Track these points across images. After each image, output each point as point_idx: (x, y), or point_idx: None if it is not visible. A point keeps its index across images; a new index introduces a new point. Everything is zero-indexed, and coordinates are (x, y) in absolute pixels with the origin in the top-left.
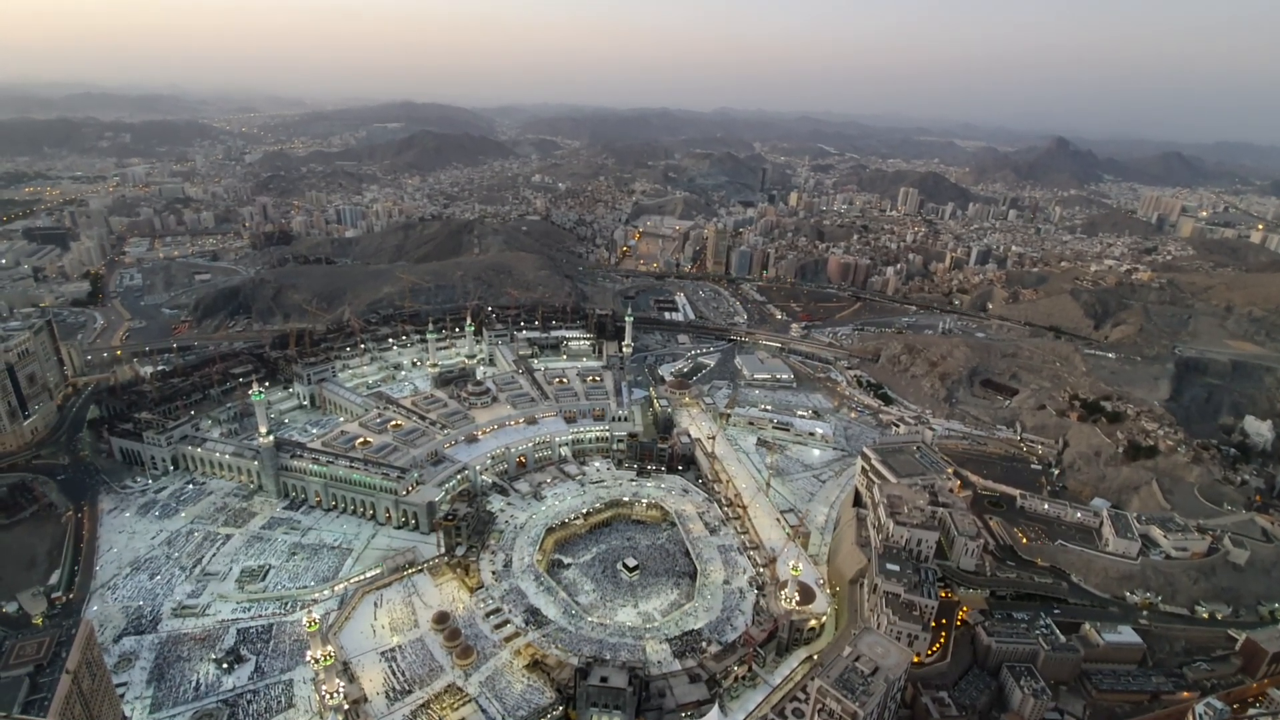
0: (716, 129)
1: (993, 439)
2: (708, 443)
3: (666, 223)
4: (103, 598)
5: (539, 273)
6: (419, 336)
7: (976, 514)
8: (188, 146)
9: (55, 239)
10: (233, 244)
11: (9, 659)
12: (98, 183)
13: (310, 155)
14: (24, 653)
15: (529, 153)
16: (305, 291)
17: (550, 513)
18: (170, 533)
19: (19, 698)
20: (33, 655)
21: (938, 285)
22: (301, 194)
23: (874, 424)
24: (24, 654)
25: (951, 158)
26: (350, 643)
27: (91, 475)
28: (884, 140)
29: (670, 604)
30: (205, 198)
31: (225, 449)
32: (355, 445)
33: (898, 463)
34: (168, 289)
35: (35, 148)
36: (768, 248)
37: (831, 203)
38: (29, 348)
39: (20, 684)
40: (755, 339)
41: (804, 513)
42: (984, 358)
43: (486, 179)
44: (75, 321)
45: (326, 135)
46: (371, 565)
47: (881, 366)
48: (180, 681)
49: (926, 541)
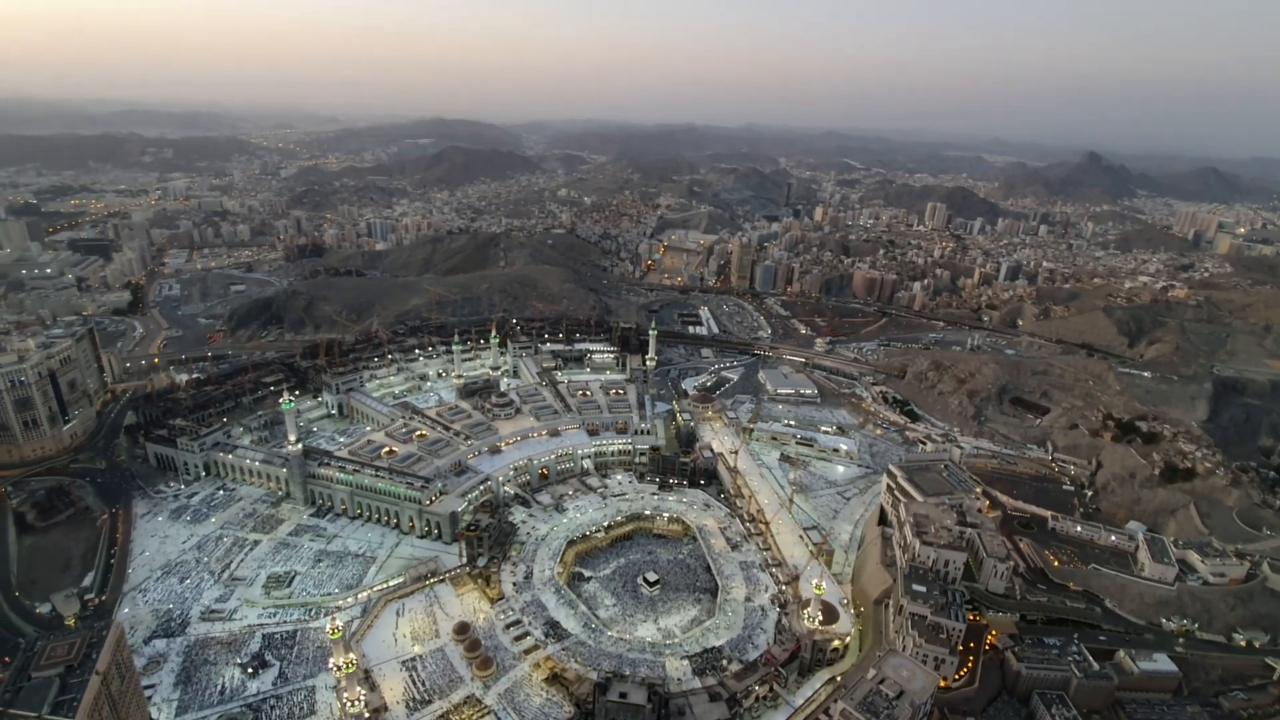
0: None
1: (1023, 458)
2: (730, 457)
3: (691, 237)
4: (134, 600)
5: (564, 286)
6: (445, 348)
7: (1006, 535)
8: (226, 162)
9: (99, 250)
10: (267, 256)
11: (40, 660)
12: (140, 196)
13: (343, 170)
14: (55, 654)
15: (555, 167)
16: (336, 303)
17: (572, 525)
18: (200, 537)
19: (49, 698)
20: (64, 656)
21: (966, 301)
22: (334, 208)
23: (900, 441)
24: (55, 655)
25: (980, 173)
26: (372, 651)
27: (127, 480)
28: (910, 155)
29: (691, 620)
30: (242, 211)
31: (255, 456)
32: (381, 454)
33: (924, 481)
34: (204, 299)
35: (81, 162)
36: (792, 262)
37: (857, 217)
38: (71, 355)
39: (51, 685)
40: (779, 354)
41: (828, 530)
42: (1014, 375)
43: (513, 193)
44: (115, 330)
45: (359, 151)
46: (394, 574)
47: (908, 383)
48: (206, 685)
49: (954, 562)
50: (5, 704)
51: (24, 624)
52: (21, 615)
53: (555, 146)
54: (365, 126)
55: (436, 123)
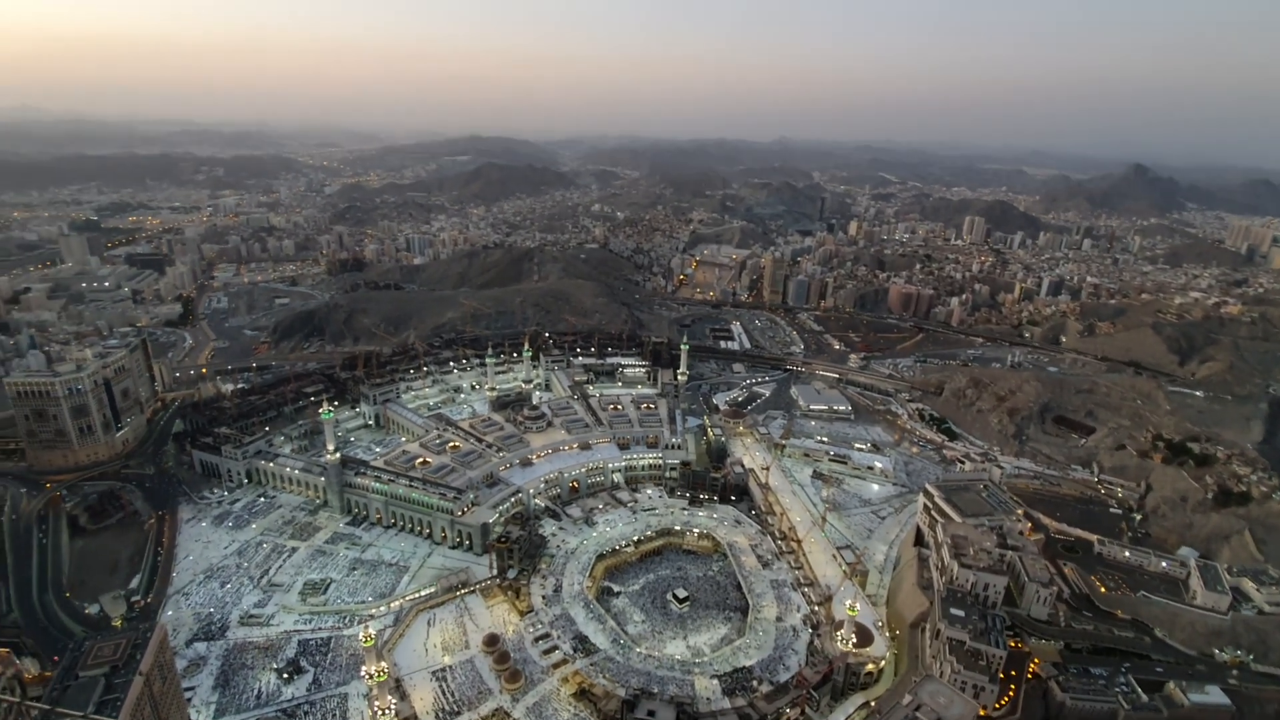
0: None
1: (1067, 479)
2: (762, 473)
3: (723, 251)
4: (177, 603)
5: (596, 300)
6: (479, 361)
7: (1049, 559)
8: (274, 179)
9: (153, 264)
10: (310, 270)
11: (88, 659)
12: (193, 213)
13: (384, 187)
14: (102, 654)
15: (589, 183)
16: (375, 316)
17: (601, 539)
18: (241, 543)
19: (94, 697)
20: (110, 656)
21: (1006, 317)
22: (375, 223)
23: (937, 459)
24: (102, 655)
25: (1020, 186)
26: (403, 660)
27: (174, 486)
28: (948, 168)
29: (721, 639)
30: (287, 227)
31: (295, 464)
32: (415, 465)
33: (963, 501)
34: (250, 312)
35: (139, 180)
36: (826, 277)
37: (892, 232)
38: (125, 364)
39: (96, 684)
40: (812, 369)
41: (862, 550)
42: (1057, 393)
43: (548, 208)
44: (167, 341)
45: (399, 168)
46: (427, 584)
47: (945, 400)
48: (243, 689)
49: (994, 586)
50: (53, 702)
51: (73, 624)
52: (71, 615)
53: (589, 162)
54: (406, 144)
55: (474, 140)
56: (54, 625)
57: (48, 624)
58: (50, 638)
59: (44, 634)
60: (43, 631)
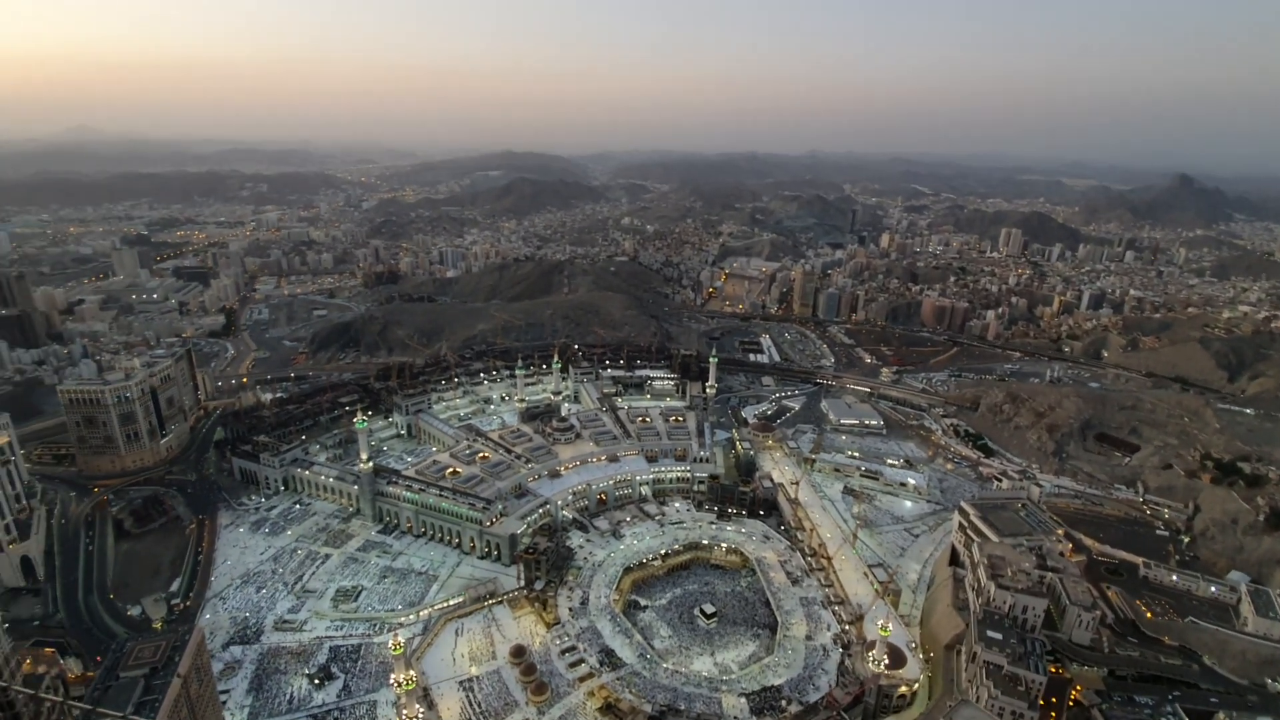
0: (805, 171)
1: (1110, 499)
2: (791, 488)
3: (753, 264)
4: (215, 607)
5: (625, 312)
6: (508, 372)
7: (1092, 582)
8: (314, 195)
9: (198, 277)
10: (347, 283)
11: (129, 660)
12: (237, 228)
13: (419, 202)
14: (142, 655)
15: (619, 196)
16: (408, 327)
17: (629, 552)
18: (277, 549)
19: (133, 698)
20: (149, 658)
21: (1044, 330)
22: (410, 237)
23: (973, 477)
24: (142, 656)
25: (1059, 197)
26: (431, 669)
27: (214, 492)
28: (983, 180)
29: (749, 656)
30: (326, 241)
31: (330, 473)
32: (445, 475)
33: (1000, 520)
34: (289, 323)
35: (187, 196)
36: (857, 290)
37: (926, 244)
38: (170, 374)
39: (136, 685)
40: (842, 383)
41: (894, 568)
42: (1098, 410)
43: (578, 222)
44: (210, 351)
45: (434, 183)
46: (455, 593)
47: (981, 416)
48: (276, 693)
49: (1034, 609)
50: (94, 702)
51: (116, 625)
52: (114, 617)
53: (619, 176)
54: (440, 160)
55: (506, 155)
56: (98, 626)
57: (92, 625)
58: (94, 638)
59: (88, 635)
60: (87, 632)
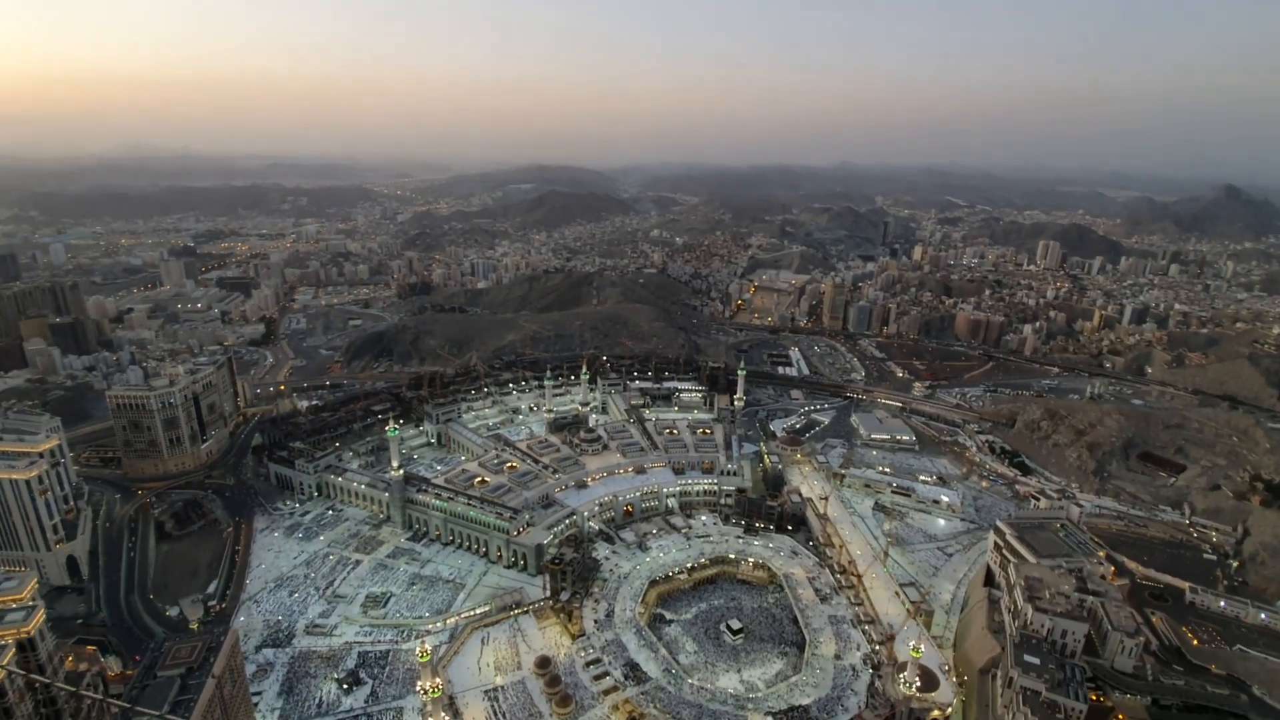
0: (836, 183)
1: (1154, 521)
2: (820, 503)
3: (782, 277)
4: (249, 609)
5: (654, 324)
6: (537, 382)
7: (1135, 607)
8: (352, 208)
9: (241, 287)
10: (382, 293)
11: (166, 660)
12: (278, 239)
13: (452, 214)
14: (179, 655)
15: (649, 209)
16: (440, 337)
17: (655, 565)
18: (310, 554)
19: (169, 697)
20: (186, 658)
21: (1084, 346)
22: (443, 249)
23: (1009, 495)
24: (179, 656)
25: (1099, 209)
26: (457, 677)
27: (251, 496)
28: (1020, 192)
29: (775, 674)
30: (362, 252)
31: (361, 480)
32: (474, 484)
33: (1038, 541)
34: (326, 332)
35: (232, 209)
36: (888, 303)
37: (960, 256)
38: (212, 381)
39: (173, 684)
40: (873, 397)
41: (927, 588)
42: (1142, 428)
43: (607, 234)
44: (250, 359)
45: (467, 196)
46: (481, 602)
47: (1018, 432)
48: (306, 697)
49: (1074, 634)
50: (132, 700)
51: (155, 625)
52: (154, 616)
53: (649, 189)
54: (474, 174)
55: (538, 169)
56: (138, 625)
57: (132, 624)
58: (133, 637)
59: (128, 633)
60: (127, 631)
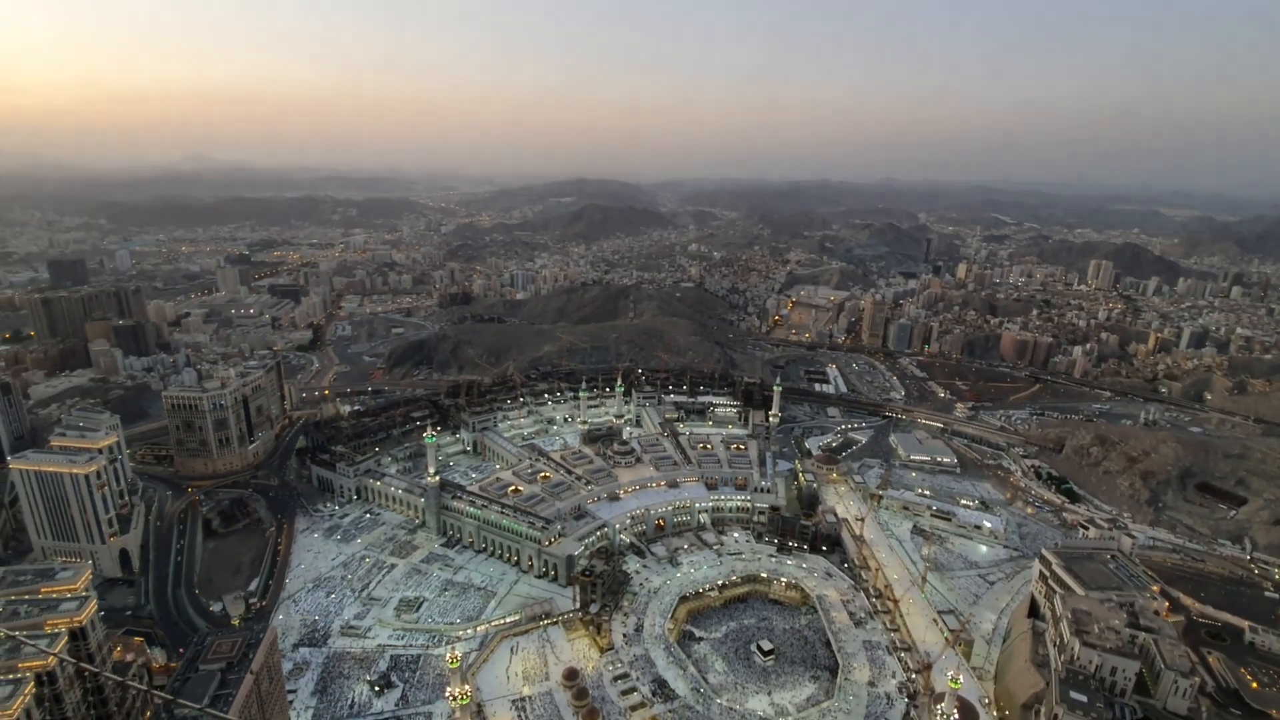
0: (878, 199)
1: (1212, 555)
2: (856, 524)
3: (821, 293)
4: (288, 608)
5: (689, 338)
6: (572, 394)
7: (1190, 645)
8: (398, 219)
9: (290, 294)
10: (424, 303)
11: (208, 654)
12: (327, 249)
13: (494, 226)
14: (220, 650)
15: (687, 223)
16: (478, 347)
17: (685, 580)
18: (347, 556)
19: (209, 690)
20: (226, 653)
21: (1138, 369)
22: (483, 260)
23: (1055, 523)
24: (220, 651)
25: (1155, 228)
26: (486, 685)
27: (293, 497)
28: (1071, 209)
29: (807, 699)
30: (406, 263)
31: (399, 484)
32: (507, 492)
33: (1086, 572)
34: (369, 339)
35: (285, 220)
36: (930, 321)
37: (1006, 275)
38: (261, 384)
39: (213, 678)
40: (913, 417)
41: (967, 616)
42: (1200, 457)
43: (645, 247)
44: (297, 363)
45: (509, 208)
46: (512, 610)
47: (1066, 458)
48: (339, 697)
49: (1124, 671)
50: (174, 693)
51: (199, 619)
52: (198, 611)
53: (687, 203)
54: (517, 187)
55: (578, 182)
56: (182, 619)
57: (178, 618)
58: (179, 630)
59: (174, 627)
60: (173, 624)
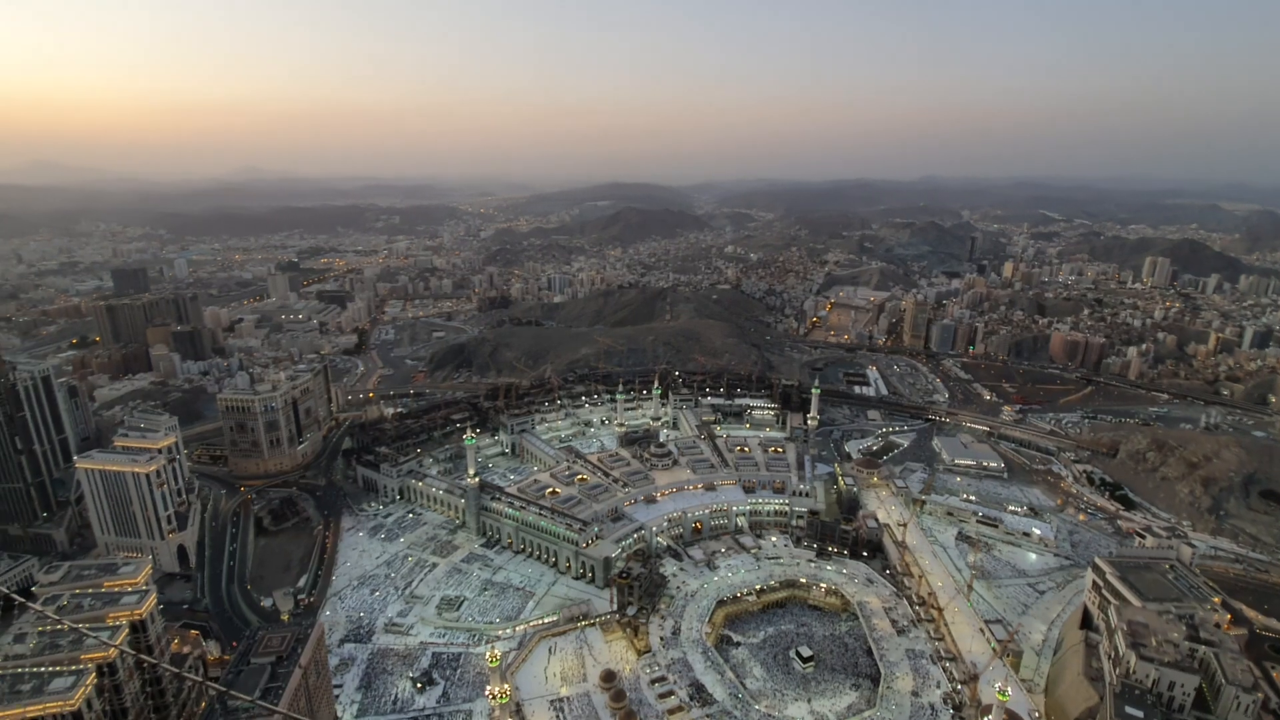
0: (919, 198)
1: (1278, 566)
2: (898, 530)
3: (860, 293)
4: (334, 605)
5: (726, 340)
6: (609, 396)
7: (1253, 660)
8: (439, 225)
9: (337, 300)
10: (464, 307)
11: (259, 648)
12: (371, 256)
13: (531, 231)
14: (270, 644)
15: (723, 225)
16: (516, 350)
17: (723, 584)
18: (391, 555)
19: (260, 684)
20: (276, 647)
21: (1198, 371)
22: (521, 264)
23: (1109, 531)
24: (270, 645)
25: (1215, 223)
26: (524, 685)
27: (339, 497)
28: (1123, 205)
29: (847, 707)
30: (447, 268)
31: (440, 485)
32: (545, 494)
33: (1143, 582)
34: (412, 343)
35: (331, 228)
36: (975, 322)
37: (1055, 273)
38: (309, 387)
39: (264, 671)
40: (958, 420)
41: (1015, 626)
42: (1265, 463)
43: (682, 250)
44: (343, 367)
45: (546, 213)
46: (550, 611)
47: (1120, 463)
48: (383, 693)
49: (1183, 686)
50: (227, 684)
51: (251, 614)
52: (250, 606)
53: (724, 205)
54: (553, 192)
55: (614, 186)
56: (235, 614)
57: (231, 612)
58: (232, 625)
59: (227, 621)
60: (226, 619)
